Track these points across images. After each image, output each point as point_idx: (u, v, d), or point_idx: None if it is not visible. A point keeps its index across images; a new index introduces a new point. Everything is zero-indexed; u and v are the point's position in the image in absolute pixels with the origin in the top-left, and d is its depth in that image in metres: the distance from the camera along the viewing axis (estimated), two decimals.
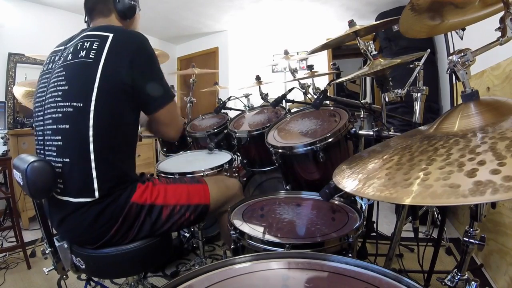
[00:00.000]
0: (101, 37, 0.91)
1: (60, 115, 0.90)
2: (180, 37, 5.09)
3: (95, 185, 0.89)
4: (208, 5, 3.81)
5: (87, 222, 0.91)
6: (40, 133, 0.96)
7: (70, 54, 0.94)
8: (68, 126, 0.89)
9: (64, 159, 0.90)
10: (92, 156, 0.88)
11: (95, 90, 0.87)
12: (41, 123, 0.96)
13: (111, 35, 0.91)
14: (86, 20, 1.11)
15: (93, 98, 0.87)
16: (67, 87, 0.91)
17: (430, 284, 1.20)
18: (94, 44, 0.90)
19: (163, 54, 2.32)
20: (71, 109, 0.89)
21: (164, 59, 2.37)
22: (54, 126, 0.92)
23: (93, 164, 0.89)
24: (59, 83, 0.92)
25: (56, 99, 0.92)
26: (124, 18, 1.09)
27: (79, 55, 0.91)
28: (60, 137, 0.91)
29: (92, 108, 0.87)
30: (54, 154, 0.92)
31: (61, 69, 0.94)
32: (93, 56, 0.89)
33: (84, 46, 0.91)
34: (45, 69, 1.02)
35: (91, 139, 0.88)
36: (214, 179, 1.26)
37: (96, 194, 0.90)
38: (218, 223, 1.28)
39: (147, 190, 1.00)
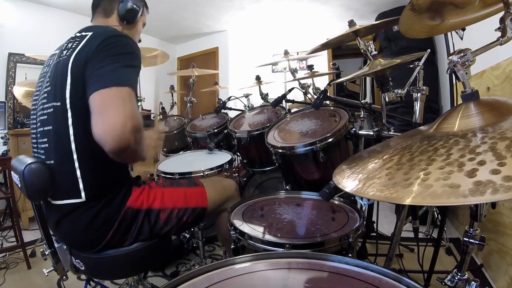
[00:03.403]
0: (81, 37, 0.91)
1: (46, 117, 0.90)
2: (180, 37, 5.09)
3: (81, 186, 0.88)
4: (208, 5, 3.81)
5: (82, 227, 0.90)
6: (34, 136, 0.96)
7: (56, 56, 0.95)
8: (51, 127, 0.89)
9: (50, 161, 0.90)
10: (75, 156, 0.87)
11: (68, 86, 0.85)
12: (34, 126, 0.96)
13: (90, 34, 0.90)
14: (91, 20, 1.11)
15: (67, 95, 0.86)
16: (50, 88, 0.91)
17: (430, 284, 1.20)
18: (74, 44, 0.90)
19: (163, 54, 2.32)
20: (52, 109, 0.88)
21: (164, 59, 2.37)
22: (42, 129, 0.92)
23: (76, 164, 0.87)
24: (45, 85, 0.93)
25: (43, 101, 0.92)
26: (123, 21, 1.08)
27: (61, 55, 0.91)
28: (46, 139, 0.91)
29: (68, 106, 0.86)
30: (43, 157, 0.91)
31: (49, 72, 0.95)
32: (68, 54, 0.89)
33: (67, 47, 0.92)
34: (41, 72, 1.02)
35: (72, 138, 0.86)
36: (210, 181, 1.25)
37: (82, 194, 0.88)
38: (215, 222, 1.27)
39: (143, 194, 0.99)
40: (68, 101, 0.86)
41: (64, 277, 1.01)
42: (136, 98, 0.84)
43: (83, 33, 0.92)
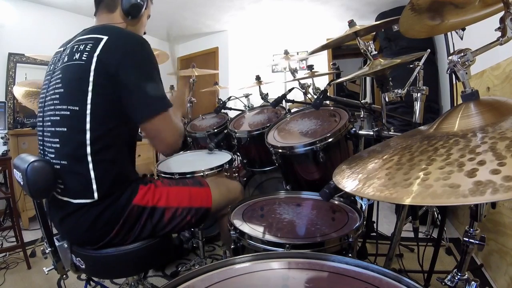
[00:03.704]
0: (95, 39, 0.90)
1: (58, 118, 0.91)
2: (180, 37, 5.09)
3: (94, 186, 0.89)
4: (208, 5, 3.81)
5: (88, 224, 0.91)
6: (40, 133, 0.97)
7: (66, 56, 0.94)
8: (65, 129, 0.90)
9: (62, 161, 0.90)
10: (89, 158, 0.88)
11: (89, 93, 0.86)
12: (41, 124, 0.97)
13: (105, 37, 0.90)
14: (95, 14, 1.10)
15: (89, 101, 0.87)
16: (63, 90, 0.91)
17: (430, 284, 1.20)
18: (88, 46, 0.90)
19: (163, 54, 2.32)
20: (68, 113, 0.89)
21: (164, 59, 2.37)
22: (53, 129, 0.92)
23: (91, 166, 0.89)
24: (56, 85, 0.93)
25: (54, 102, 0.92)
26: (127, 16, 1.07)
27: (74, 58, 0.91)
28: (58, 140, 0.91)
29: (88, 111, 0.87)
30: (53, 155, 0.92)
31: (59, 71, 0.94)
32: (85, 58, 0.88)
33: (79, 49, 0.91)
34: (48, 71, 1.02)
35: (88, 142, 0.87)
36: (216, 182, 1.24)
37: (95, 195, 0.90)
38: (218, 224, 1.27)
39: (149, 192, 1.00)
40: (89, 107, 0.87)
41: (64, 276, 1.01)
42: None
43: (97, 36, 0.91)
